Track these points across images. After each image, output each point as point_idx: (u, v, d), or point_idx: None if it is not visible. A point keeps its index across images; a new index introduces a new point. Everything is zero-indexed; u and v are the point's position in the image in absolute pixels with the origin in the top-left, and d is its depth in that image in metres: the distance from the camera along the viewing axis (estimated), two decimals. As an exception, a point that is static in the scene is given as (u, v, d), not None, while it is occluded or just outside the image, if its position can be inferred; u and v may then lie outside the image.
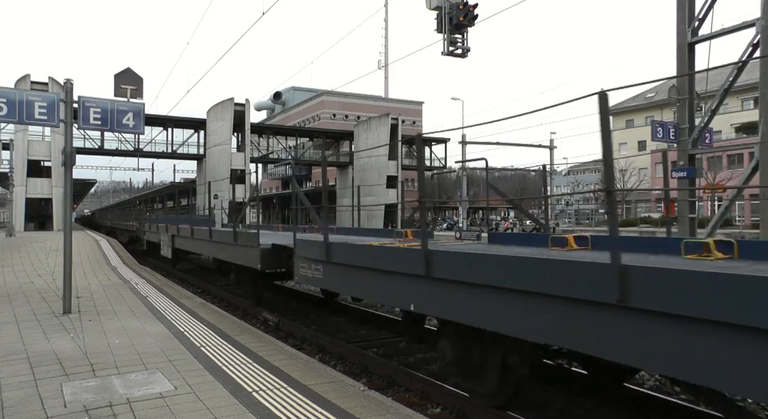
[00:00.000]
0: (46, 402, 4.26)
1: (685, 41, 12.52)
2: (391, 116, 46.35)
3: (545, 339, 4.02)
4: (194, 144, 42.82)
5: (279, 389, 4.63)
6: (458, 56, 13.47)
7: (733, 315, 2.77)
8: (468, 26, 13.09)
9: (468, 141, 32.72)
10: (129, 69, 8.74)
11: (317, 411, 4.10)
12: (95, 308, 8.60)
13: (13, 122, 7.99)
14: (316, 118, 71.26)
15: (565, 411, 5.53)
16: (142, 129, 8.67)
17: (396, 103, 69.15)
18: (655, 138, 13.78)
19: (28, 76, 32.73)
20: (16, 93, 7.79)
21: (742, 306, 2.73)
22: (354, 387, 4.83)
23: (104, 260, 16.65)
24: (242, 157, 42.11)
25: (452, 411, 5.48)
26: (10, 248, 19.34)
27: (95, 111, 8.13)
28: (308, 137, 50.14)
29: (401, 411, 4.23)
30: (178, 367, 5.27)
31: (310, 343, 8.49)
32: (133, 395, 4.43)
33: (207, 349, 6.01)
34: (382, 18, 73.23)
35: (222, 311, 8.94)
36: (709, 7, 12.28)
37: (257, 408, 4.13)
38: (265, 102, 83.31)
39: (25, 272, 13.45)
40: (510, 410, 5.09)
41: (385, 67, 71.22)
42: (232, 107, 40.95)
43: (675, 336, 3.07)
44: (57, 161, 33.82)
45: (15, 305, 8.83)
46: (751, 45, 11.49)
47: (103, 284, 11.60)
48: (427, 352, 7.70)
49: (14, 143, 32.65)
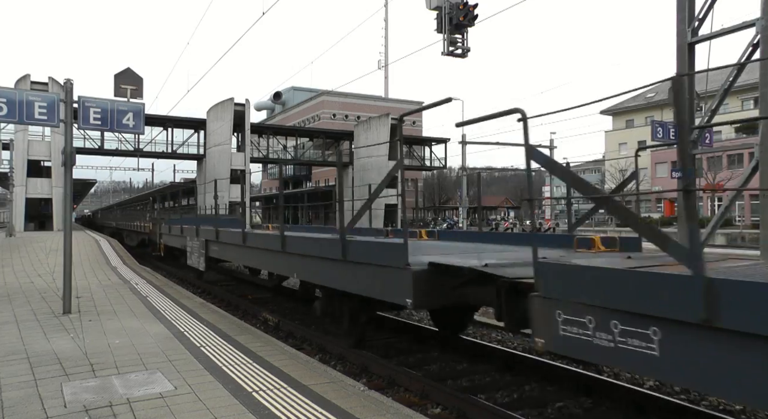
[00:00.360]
0: (46, 402, 4.26)
1: (685, 41, 12.50)
2: (391, 116, 46.36)
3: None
4: (194, 144, 42.83)
5: (279, 389, 4.63)
6: (458, 56, 13.47)
7: None
8: (468, 26, 13.10)
9: (468, 141, 32.73)
10: (129, 69, 8.75)
11: (317, 411, 4.10)
12: (95, 308, 8.60)
13: (13, 122, 7.99)
14: (316, 118, 71.27)
15: (565, 411, 5.53)
16: (142, 129, 8.67)
17: (396, 104, 69.15)
18: (655, 138, 13.79)
19: (28, 77, 32.73)
20: (16, 93, 7.79)
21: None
22: (354, 387, 4.83)
23: (104, 260, 16.65)
24: (242, 157, 42.12)
25: (452, 411, 5.48)
26: (10, 248, 19.34)
27: (95, 111, 8.13)
28: (308, 137, 50.18)
29: (401, 411, 4.24)
30: (178, 367, 5.27)
31: (310, 343, 8.49)
32: (133, 395, 4.43)
33: (207, 349, 6.01)
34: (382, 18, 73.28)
35: (222, 312, 8.94)
36: (709, 8, 12.27)
37: (257, 408, 4.13)
38: (265, 102, 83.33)
39: (25, 272, 13.45)
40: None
41: (385, 67, 71.21)
42: (232, 107, 40.96)
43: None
44: (57, 161, 33.83)
45: (15, 305, 8.83)
46: (751, 45, 11.48)
47: (103, 284, 11.60)
48: (427, 352, 7.71)
49: (14, 143, 32.66)
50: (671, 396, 5.76)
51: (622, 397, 5.60)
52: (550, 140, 39.04)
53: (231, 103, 40.98)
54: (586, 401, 5.70)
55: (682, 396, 5.89)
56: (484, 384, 6.38)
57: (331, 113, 70.27)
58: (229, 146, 41.49)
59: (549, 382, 6.28)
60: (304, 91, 76.82)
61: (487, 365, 7.06)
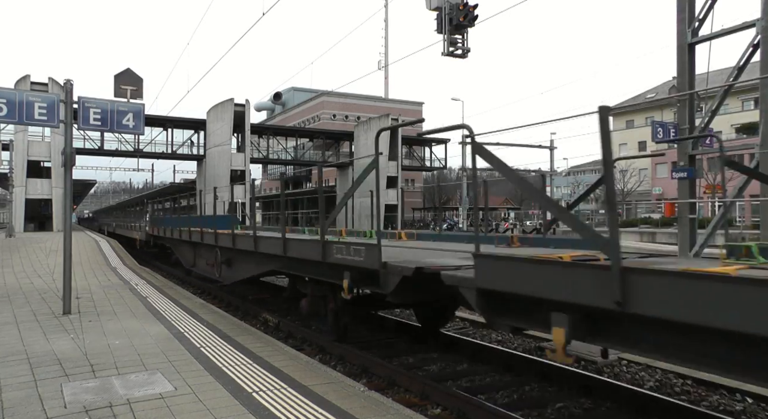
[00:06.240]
0: (46, 403, 4.25)
1: (686, 42, 12.51)
2: (391, 116, 46.39)
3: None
4: (194, 144, 42.84)
5: (279, 389, 4.63)
6: (458, 57, 13.46)
7: None
8: (468, 27, 13.09)
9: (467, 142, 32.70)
10: (129, 69, 8.76)
11: (317, 412, 4.10)
12: (95, 308, 8.59)
13: (13, 122, 7.99)
14: (316, 118, 71.28)
15: (565, 411, 5.53)
16: (142, 130, 8.67)
17: (396, 104, 69.14)
18: (656, 138, 13.78)
19: (28, 77, 32.71)
20: (16, 94, 7.79)
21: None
22: (354, 387, 4.83)
23: (104, 261, 16.65)
24: (242, 157, 42.11)
25: (452, 412, 5.47)
26: (10, 249, 19.33)
27: (95, 112, 8.13)
28: (308, 138, 50.19)
29: (401, 411, 4.23)
30: (178, 368, 5.26)
31: (310, 343, 8.48)
32: (133, 395, 4.43)
33: (207, 350, 6.01)
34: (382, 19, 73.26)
35: (222, 312, 8.93)
36: (709, 8, 12.27)
37: (257, 409, 4.13)
38: (265, 103, 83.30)
39: (25, 273, 13.45)
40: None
41: (385, 67, 71.21)
42: (232, 108, 40.94)
43: None
44: (57, 162, 33.80)
45: (15, 306, 8.83)
46: (751, 45, 11.49)
47: (103, 284, 11.59)
48: (427, 352, 7.71)
49: (14, 144, 32.63)
50: (671, 396, 5.76)
51: (621, 397, 5.60)
52: (551, 141, 39.04)
53: (231, 104, 40.97)
54: (586, 401, 5.70)
55: (683, 396, 5.89)
56: (485, 385, 6.37)
57: (331, 113, 70.27)
58: (229, 146, 41.48)
59: (549, 382, 6.28)
60: (304, 91, 76.80)
61: (487, 365, 7.06)
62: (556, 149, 39.67)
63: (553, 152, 38.70)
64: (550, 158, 38.79)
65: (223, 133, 40.86)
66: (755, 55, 11.48)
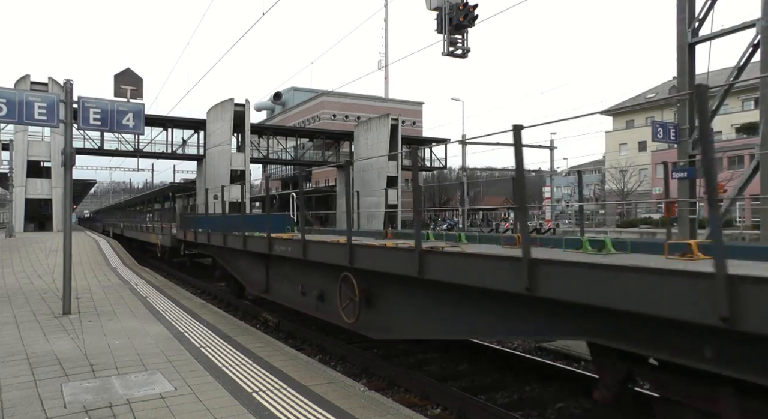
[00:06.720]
0: (46, 403, 4.25)
1: (686, 42, 12.51)
2: (391, 116, 46.34)
3: None
4: (194, 145, 42.83)
5: (279, 389, 4.62)
6: (458, 57, 13.46)
7: None
8: (468, 27, 13.08)
9: (467, 142, 32.72)
10: (129, 69, 8.75)
11: (317, 412, 4.10)
12: (95, 308, 8.59)
13: (13, 122, 7.99)
14: (316, 118, 71.24)
15: (565, 411, 5.52)
16: (142, 130, 8.66)
17: (396, 104, 69.09)
18: (656, 139, 13.77)
19: (27, 77, 32.70)
20: (16, 94, 7.79)
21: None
22: (354, 387, 4.83)
23: (104, 261, 16.64)
24: (242, 157, 42.11)
25: (452, 412, 5.47)
26: (10, 249, 19.32)
27: (95, 112, 8.13)
28: (308, 138, 50.17)
29: (401, 411, 4.23)
30: (178, 368, 5.26)
31: (310, 343, 8.48)
32: (133, 395, 4.42)
33: (207, 350, 6.01)
34: (383, 19, 73.21)
35: (222, 312, 8.93)
36: (709, 8, 12.28)
37: (257, 409, 4.13)
38: (265, 103, 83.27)
39: (25, 273, 13.44)
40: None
41: (385, 67, 71.19)
42: (232, 108, 40.93)
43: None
44: (57, 162, 33.80)
45: (15, 306, 8.82)
46: (751, 45, 11.49)
47: (103, 284, 11.59)
48: (427, 353, 7.70)
49: (14, 144, 32.63)
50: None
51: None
52: (551, 141, 39.04)
53: (231, 104, 40.96)
54: (586, 401, 5.69)
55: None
56: (485, 385, 6.37)
57: (331, 113, 70.23)
58: (229, 146, 41.47)
59: (549, 382, 6.28)
60: (304, 91, 76.76)
61: (486, 365, 7.05)
62: (556, 149, 39.67)
63: (553, 152, 38.71)
64: (550, 158, 38.80)
65: (223, 133, 40.85)
66: (755, 55, 11.48)
